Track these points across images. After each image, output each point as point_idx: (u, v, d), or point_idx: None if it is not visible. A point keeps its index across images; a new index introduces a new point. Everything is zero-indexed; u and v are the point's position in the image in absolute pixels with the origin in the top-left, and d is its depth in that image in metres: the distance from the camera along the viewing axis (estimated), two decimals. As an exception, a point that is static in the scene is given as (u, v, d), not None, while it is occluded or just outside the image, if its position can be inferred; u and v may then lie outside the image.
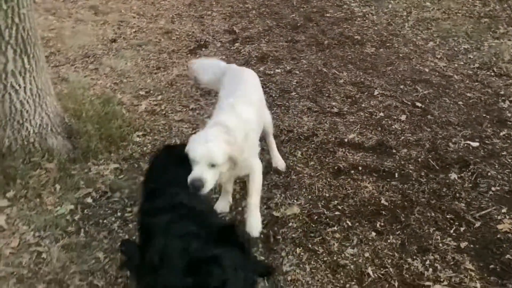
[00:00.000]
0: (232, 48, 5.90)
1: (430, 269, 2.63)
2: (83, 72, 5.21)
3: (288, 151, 3.76)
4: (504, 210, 3.07)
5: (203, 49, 5.88)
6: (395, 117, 4.22)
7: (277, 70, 5.22)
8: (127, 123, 3.92)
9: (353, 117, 4.25)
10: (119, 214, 3.05)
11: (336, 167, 3.55)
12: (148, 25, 6.71)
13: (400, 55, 5.56)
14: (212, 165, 2.35)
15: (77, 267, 2.61)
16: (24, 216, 2.92)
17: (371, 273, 2.60)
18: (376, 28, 6.41)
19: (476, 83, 4.83)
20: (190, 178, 2.31)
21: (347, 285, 2.53)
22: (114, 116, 3.80)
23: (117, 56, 5.62)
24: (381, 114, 4.28)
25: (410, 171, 3.48)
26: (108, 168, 3.40)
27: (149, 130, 3.98)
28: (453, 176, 3.41)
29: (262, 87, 4.75)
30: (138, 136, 3.86)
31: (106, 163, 3.45)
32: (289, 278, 2.59)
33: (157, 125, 4.09)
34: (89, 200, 3.13)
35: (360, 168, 3.54)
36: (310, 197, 3.25)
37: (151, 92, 4.73)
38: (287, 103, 4.50)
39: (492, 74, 5.03)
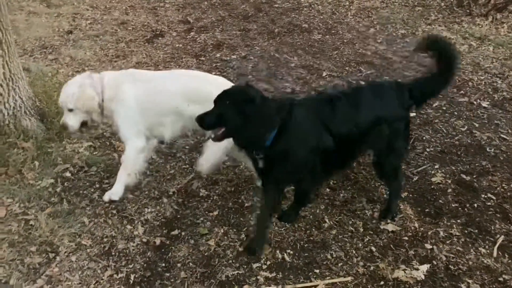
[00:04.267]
0: (188, 37, 6.18)
1: (378, 214, 3.08)
2: (43, 62, 5.32)
3: (248, 126, 4.11)
4: (436, 166, 3.58)
5: (160, 38, 6.12)
6: (342, 94, 4.67)
7: (233, 56, 5.56)
8: (95, 106, 4.12)
9: (305, 96, 4.66)
10: (97, 185, 3.29)
11: (292, 138, 3.94)
12: (103, 16, 6.86)
13: (345, 40, 6.06)
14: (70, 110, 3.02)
15: (65, 231, 2.84)
16: (7, 190, 3.10)
17: (327, 220, 3.01)
18: (321, 17, 6.89)
19: (412, 63, 5.39)
20: None
21: (308, 231, 2.93)
22: (83, 99, 3.99)
23: (75, 46, 5.76)
24: (330, 92, 4.72)
25: (357, 138, 3.93)
26: (82, 146, 3.62)
27: (116, 112, 4.20)
28: (394, 141, 3.89)
29: (221, 71, 5.15)
30: (106, 117, 4.08)
31: (80, 142, 3.67)
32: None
33: (124, 107, 4.31)
34: (67, 174, 3.34)
35: (313, 138, 3.95)
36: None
37: (114, 78, 4.92)
38: (244, 85, 4.85)
39: (426, 55, 5.60)
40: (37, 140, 3.50)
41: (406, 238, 2.90)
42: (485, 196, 3.27)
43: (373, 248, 2.82)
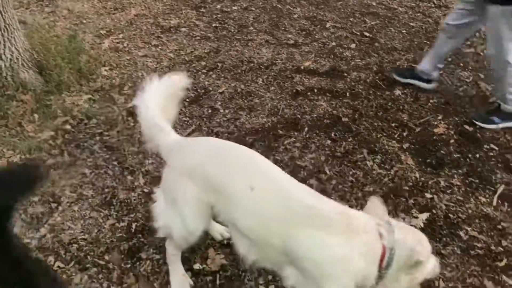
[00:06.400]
0: (187, -12, 5.99)
1: (378, 165, 3.07)
2: (40, 15, 5.19)
3: (250, 78, 4.05)
4: (440, 117, 3.55)
5: (159, -10, 5.94)
6: (345, 45, 4.58)
7: (234, 8, 5.41)
8: (94, 58, 4.06)
9: (307, 48, 4.57)
10: (97, 138, 3.28)
11: (294, 90, 3.89)
12: (100, -32, 6.64)
13: (350, -9, 5.86)
14: None
15: (66, 182, 2.86)
16: (8, 142, 3.10)
17: (327, 171, 3.01)
18: (326, -33, 6.64)
19: (418, 14, 5.24)
20: None
21: (307, 181, 2.92)
22: (81, 51, 3.93)
23: (72, -2, 5.61)
24: (333, 43, 4.63)
25: (360, 90, 3.88)
26: (81, 98, 3.59)
27: (115, 65, 4.14)
28: (398, 92, 3.84)
29: (221, 23, 5.05)
30: (105, 70, 4.02)
31: (79, 94, 3.63)
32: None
33: (122, 60, 4.25)
34: (67, 126, 3.32)
35: (315, 90, 3.90)
36: (273, 117, 3.57)
37: (112, 31, 4.83)
38: (245, 37, 4.75)
39: (432, 5, 5.45)
40: (36, 93, 3.47)
41: (406, 188, 2.90)
42: (488, 147, 3.25)
43: (373, 198, 2.83)
